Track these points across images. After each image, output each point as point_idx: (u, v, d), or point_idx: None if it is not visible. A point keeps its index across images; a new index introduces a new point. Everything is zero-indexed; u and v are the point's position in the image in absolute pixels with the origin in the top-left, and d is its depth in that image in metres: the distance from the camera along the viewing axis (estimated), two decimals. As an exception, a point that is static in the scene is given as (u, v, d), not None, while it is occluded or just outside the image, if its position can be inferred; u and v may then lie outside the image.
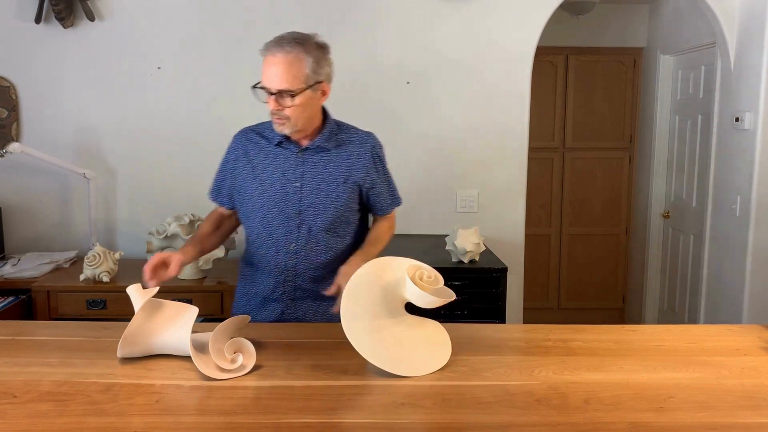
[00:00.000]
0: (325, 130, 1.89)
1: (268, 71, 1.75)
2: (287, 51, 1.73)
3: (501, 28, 3.38)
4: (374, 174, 1.94)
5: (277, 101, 1.75)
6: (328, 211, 1.88)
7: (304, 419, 1.28)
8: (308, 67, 1.75)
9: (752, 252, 3.28)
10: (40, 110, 3.36)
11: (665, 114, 4.39)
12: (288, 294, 1.93)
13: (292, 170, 1.88)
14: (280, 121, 1.79)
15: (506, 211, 3.50)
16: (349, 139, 1.93)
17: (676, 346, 1.70)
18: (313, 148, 1.88)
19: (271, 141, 1.91)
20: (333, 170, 1.89)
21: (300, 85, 1.74)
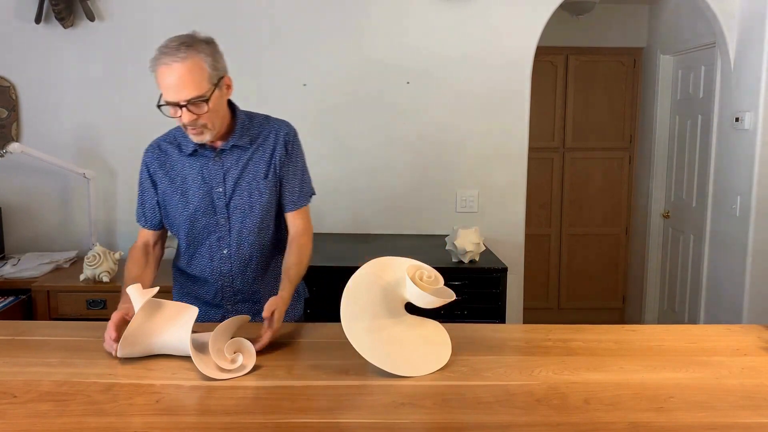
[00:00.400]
0: (237, 126, 1.83)
1: (169, 84, 1.64)
2: (182, 57, 1.62)
3: (501, 28, 3.38)
4: (288, 164, 1.87)
5: (190, 112, 1.67)
6: (255, 209, 1.84)
7: (304, 419, 1.28)
8: (208, 66, 1.67)
9: (752, 252, 3.28)
10: (40, 110, 3.37)
11: (665, 114, 4.39)
12: (228, 299, 1.91)
13: (213, 176, 1.82)
14: (197, 131, 1.72)
15: (506, 211, 3.50)
16: (263, 132, 1.86)
17: (676, 346, 1.70)
18: (229, 149, 1.82)
19: (185, 150, 1.83)
20: (253, 167, 1.83)
21: (209, 87, 1.67)
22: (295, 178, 1.89)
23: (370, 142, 3.43)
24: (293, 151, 1.88)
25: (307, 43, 3.37)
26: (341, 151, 3.44)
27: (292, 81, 3.39)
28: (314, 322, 1.95)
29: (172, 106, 1.67)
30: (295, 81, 3.39)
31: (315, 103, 3.39)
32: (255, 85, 3.37)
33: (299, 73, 3.38)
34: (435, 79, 3.40)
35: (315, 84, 3.39)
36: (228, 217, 1.84)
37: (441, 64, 3.39)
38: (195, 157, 1.84)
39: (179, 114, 1.68)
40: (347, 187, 3.46)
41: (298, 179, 1.90)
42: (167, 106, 1.68)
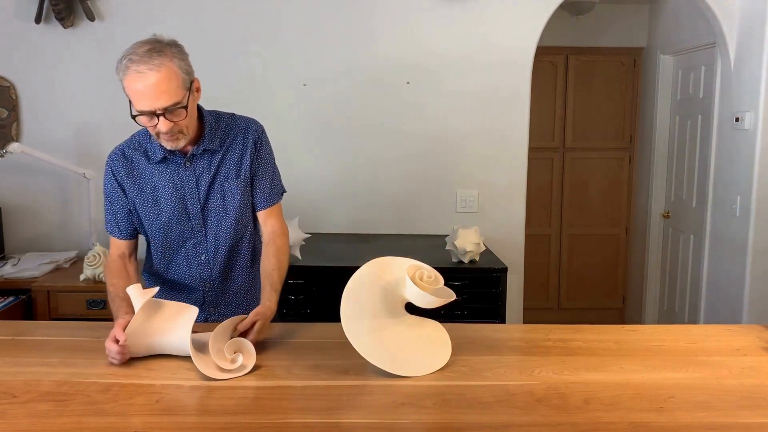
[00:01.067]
0: (207, 129, 1.77)
1: (144, 93, 1.56)
2: (157, 65, 1.55)
3: (501, 28, 3.38)
4: (258, 162, 1.83)
5: (167, 120, 1.61)
6: (229, 212, 1.81)
7: (304, 419, 1.28)
8: (182, 71, 1.61)
9: (752, 252, 3.28)
10: (40, 110, 3.37)
11: (665, 114, 4.39)
12: (210, 303, 1.89)
13: (185, 182, 1.77)
14: (173, 137, 1.66)
15: (506, 211, 3.50)
16: (232, 132, 1.81)
17: (676, 346, 1.70)
18: (199, 153, 1.77)
19: (154, 158, 1.77)
20: (224, 169, 1.79)
21: (184, 93, 1.62)
22: (266, 176, 1.85)
23: (370, 142, 3.43)
24: (262, 148, 1.84)
25: (307, 43, 3.37)
26: (341, 151, 3.44)
27: (292, 81, 3.39)
28: (314, 322, 1.95)
29: (147, 116, 1.61)
30: (295, 81, 3.39)
31: (315, 103, 3.39)
32: (255, 85, 3.37)
33: (299, 74, 3.38)
34: (435, 79, 3.40)
35: (315, 84, 3.39)
36: (203, 222, 1.81)
37: (441, 64, 3.39)
38: (165, 164, 1.77)
39: (155, 122, 1.61)
40: (347, 188, 3.46)
41: (269, 177, 1.86)
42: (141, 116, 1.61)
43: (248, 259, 1.90)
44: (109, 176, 1.81)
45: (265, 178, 1.86)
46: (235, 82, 3.37)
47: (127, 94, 1.60)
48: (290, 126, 3.39)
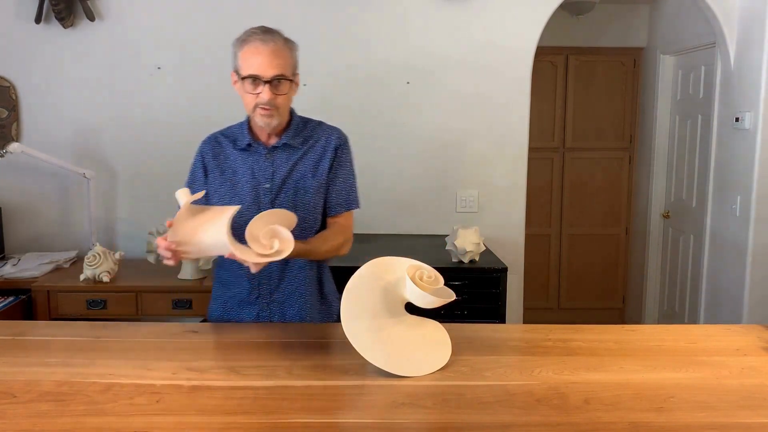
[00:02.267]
0: (292, 126, 1.88)
1: (258, 59, 1.72)
2: (275, 40, 1.74)
3: (501, 28, 3.38)
4: (337, 168, 1.89)
5: (271, 90, 1.74)
6: (298, 209, 1.84)
7: (304, 419, 1.28)
8: (292, 57, 1.78)
9: (752, 252, 3.28)
10: (40, 110, 3.37)
11: (665, 114, 4.39)
12: (264, 297, 1.91)
13: (262, 172, 1.85)
14: (268, 111, 1.76)
15: (506, 211, 3.50)
16: (315, 135, 1.90)
17: (676, 346, 1.70)
18: (281, 146, 1.86)
19: (239, 144, 1.88)
20: (301, 167, 1.86)
21: (290, 73, 1.77)
22: (344, 183, 1.91)
23: (371, 143, 3.42)
24: (343, 155, 1.91)
25: (307, 43, 3.35)
26: (341, 151, 3.44)
27: (292, 81, 3.39)
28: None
29: (255, 82, 1.73)
30: (295, 81, 3.38)
31: (315, 104, 3.38)
32: (255, 85, 3.37)
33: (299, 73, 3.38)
34: (435, 79, 3.40)
35: (315, 84, 3.38)
36: None
37: (441, 64, 3.39)
38: (248, 152, 1.87)
39: (258, 90, 1.73)
40: (347, 187, 3.46)
41: (347, 185, 1.91)
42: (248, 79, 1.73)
43: (306, 261, 1.90)
44: (198, 157, 1.93)
45: (343, 185, 1.90)
46: (235, 82, 3.37)
47: (239, 63, 1.76)
48: (290, 126, 3.39)
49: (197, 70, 3.36)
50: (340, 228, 1.90)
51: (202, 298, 2.89)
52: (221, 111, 3.37)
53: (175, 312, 2.90)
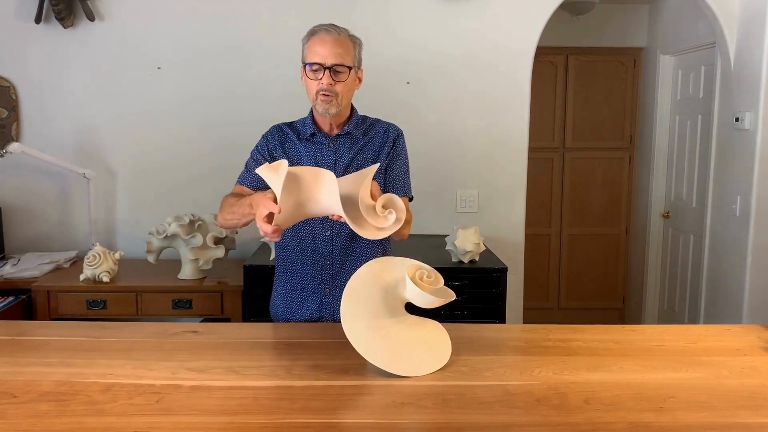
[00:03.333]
0: (353, 118, 1.98)
1: (321, 48, 1.83)
2: (339, 32, 1.87)
3: (501, 28, 3.38)
4: (395, 157, 1.99)
5: (331, 77, 1.83)
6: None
7: (304, 419, 1.28)
8: (355, 49, 1.90)
9: (752, 252, 3.28)
10: (40, 110, 3.37)
11: (665, 114, 4.40)
12: (326, 283, 1.95)
13: (325, 159, 1.93)
14: (328, 97, 1.84)
15: (506, 211, 3.50)
16: (376, 127, 2.01)
17: (676, 346, 1.70)
18: (343, 135, 1.95)
19: (303, 135, 1.97)
20: (362, 156, 1.95)
21: (350, 63, 1.86)
22: (400, 171, 1.99)
23: (370, 142, 3.42)
24: (400, 146, 2.01)
25: (307, 43, 3.37)
26: (341, 151, 3.44)
27: (291, 81, 3.38)
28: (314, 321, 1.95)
29: (317, 68, 1.83)
30: (295, 81, 3.37)
31: (315, 103, 3.39)
32: (254, 84, 3.37)
33: (299, 73, 3.37)
34: (435, 79, 3.40)
35: (315, 84, 3.39)
36: None
37: (441, 64, 3.39)
38: (311, 142, 1.96)
39: (320, 77, 1.83)
40: (347, 187, 3.46)
41: (402, 172, 2.00)
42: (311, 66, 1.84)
43: (371, 247, 1.95)
44: (262, 142, 2.02)
45: (399, 172, 1.99)
46: (235, 82, 3.37)
47: (305, 54, 1.88)
48: (290, 126, 3.39)
49: (197, 70, 3.36)
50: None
51: (202, 298, 2.89)
52: (221, 111, 3.40)
53: (175, 312, 2.90)
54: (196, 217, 2.91)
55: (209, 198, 3.40)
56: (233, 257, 3.20)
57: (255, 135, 3.37)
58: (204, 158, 3.41)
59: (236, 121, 3.39)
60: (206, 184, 3.40)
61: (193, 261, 2.91)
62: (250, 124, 3.40)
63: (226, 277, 2.98)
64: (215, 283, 2.92)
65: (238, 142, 3.40)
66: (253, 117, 3.39)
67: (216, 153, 3.40)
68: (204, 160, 3.41)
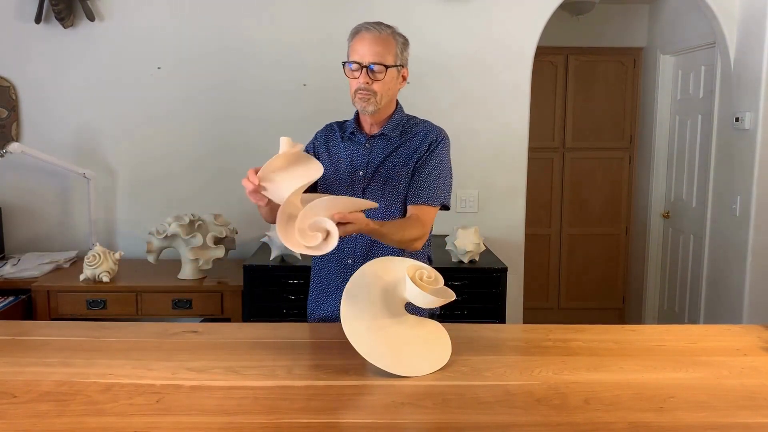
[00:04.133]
0: (394, 119, 1.94)
1: (361, 46, 1.83)
2: (381, 30, 1.86)
3: (501, 28, 3.38)
4: (426, 161, 1.91)
5: (367, 74, 1.82)
6: (385, 195, 1.89)
7: (304, 419, 1.28)
8: (397, 47, 1.87)
9: (752, 252, 3.28)
10: (40, 110, 3.37)
11: (665, 114, 4.39)
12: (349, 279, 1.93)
13: (360, 160, 1.92)
14: (366, 95, 1.84)
15: (506, 211, 3.50)
16: (415, 130, 1.95)
17: (676, 346, 1.70)
18: (378, 136, 1.93)
19: (345, 133, 1.97)
20: (394, 158, 1.91)
21: (390, 62, 1.84)
22: (428, 176, 1.89)
23: (370, 142, 3.42)
24: (435, 151, 1.92)
25: (307, 42, 3.37)
26: (341, 151, 3.44)
27: (292, 81, 3.39)
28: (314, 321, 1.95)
29: (355, 67, 1.84)
30: (295, 81, 3.39)
31: (315, 103, 3.39)
32: (255, 84, 3.37)
33: (299, 73, 3.38)
34: (435, 79, 3.40)
35: (315, 84, 3.39)
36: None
37: (441, 64, 3.39)
38: (350, 141, 1.96)
39: (357, 75, 1.84)
40: (347, 187, 3.46)
41: (430, 178, 1.90)
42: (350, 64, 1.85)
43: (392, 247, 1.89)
44: (311, 141, 2.05)
45: (426, 177, 1.90)
46: (235, 82, 3.37)
47: (348, 52, 1.89)
48: (290, 126, 3.39)
49: (197, 70, 3.36)
50: (416, 221, 1.86)
51: (202, 298, 2.89)
52: (221, 110, 3.39)
53: (175, 312, 2.90)
54: (196, 217, 2.91)
55: (209, 198, 3.40)
56: (233, 257, 3.19)
57: (255, 135, 3.40)
58: (204, 158, 3.41)
59: (236, 121, 3.39)
60: (206, 184, 3.40)
61: (193, 261, 2.91)
62: (251, 124, 3.41)
63: (226, 277, 2.98)
64: (215, 283, 2.92)
65: (238, 141, 3.41)
66: (253, 117, 3.39)
67: (216, 153, 3.41)
68: (204, 160, 3.41)
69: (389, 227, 1.77)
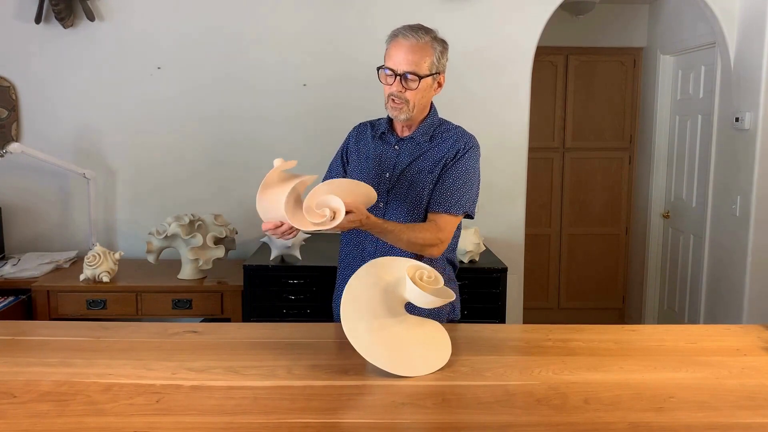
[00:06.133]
0: (425, 123, 1.91)
1: (396, 54, 1.80)
2: (419, 37, 1.80)
3: (501, 28, 3.38)
4: (450, 168, 1.87)
5: (400, 83, 1.79)
6: (408, 200, 1.88)
7: (304, 419, 1.28)
8: (435, 55, 1.82)
9: (752, 252, 3.28)
10: (40, 110, 3.36)
11: (665, 114, 4.39)
12: None
13: (387, 161, 1.91)
14: (398, 104, 1.82)
15: (506, 211, 3.50)
16: (446, 135, 1.91)
17: (676, 346, 1.70)
18: (408, 139, 1.91)
19: (377, 132, 1.96)
20: (421, 162, 1.88)
21: (425, 71, 1.80)
22: (451, 185, 1.86)
23: (370, 142, 3.42)
24: (462, 158, 1.88)
25: (307, 42, 3.37)
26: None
27: (292, 81, 3.39)
28: (314, 322, 1.94)
29: (389, 73, 1.81)
30: (295, 81, 3.39)
31: (315, 103, 3.39)
32: (255, 85, 3.37)
33: (299, 73, 3.38)
34: (435, 79, 3.40)
35: (315, 84, 3.39)
36: (387, 202, 1.89)
37: (441, 64, 3.39)
38: (380, 141, 1.95)
39: (391, 82, 1.81)
40: (347, 187, 3.46)
41: (455, 186, 1.86)
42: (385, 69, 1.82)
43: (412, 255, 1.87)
44: (344, 141, 2.06)
45: (450, 185, 1.86)
46: (235, 82, 3.37)
47: (385, 56, 1.85)
48: (290, 126, 3.39)
49: (197, 70, 3.36)
50: (434, 226, 1.83)
51: (202, 298, 2.89)
52: (221, 110, 3.39)
53: (175, 312, 2.90)
54: (196, 217, 2.91)
55: (209, 198, 3.40)
56: (233, 257, 3.20)
57: (255, 136, 3.40)
58: (204, 158, 3.41)
59: (236, 121, 3.39)
60: (206, 184, 3.40)
61: (193, 261, 2.91)
62: (251, 123, 3.41)
63: (226, 277, 2.98)
64: (215, 283, 2.92)
65: (238, 142, 3.41)
66: (253, 117, 3.39)
67: (216, 153, 3.40)
68: (204, 160, 3.41)
69: (395, 225, 1.77)
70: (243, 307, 2.87)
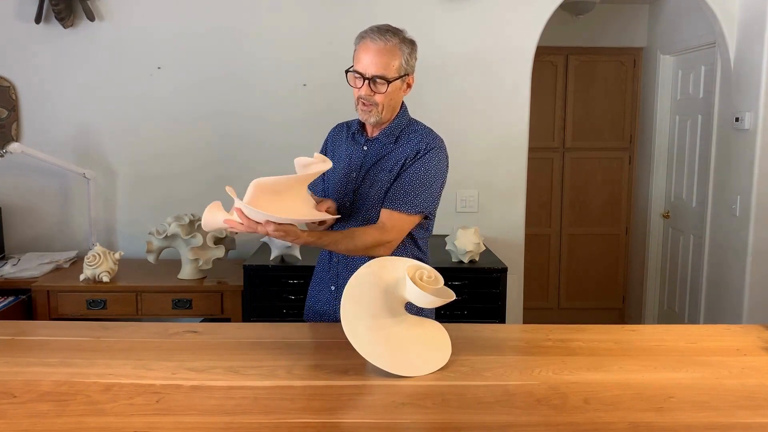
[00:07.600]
0: (392, 124, 1.90)
1: (364, 57, 1.80)
2: (387, 39, 1.79)
3: (501, 28, 3.38)
4: (409, 167, 1.85)
5: (369, 86, 1.80)
6: (370, 199, 1.88)
7: (304, 419, 1.28)
8: (403, 57, 1.82)
9: (752, 252, 3.28)
10: (40, 110, 3.36)
11: (665, 114, 4.39)
12: (332, 279, 1.96)
13: (356, 162, 1.92)
14: (367, 108, 1.83)
15: (506, 211, 3.50)
16: (410, 137, 1.90)
17: (676, 346, 1.70)
18: (374, 140, 1.91)
19: (348, 133, 1.98)
20: (384, 163, 1.88)
21: (393, 74, 1.80)
22: (408, 183, 1.84)
23: (370, 142, 3.42)
24: (421, 160, 1.85)
25: (307, 43, 3.37)
26: (341, 151, 3.44)
27: (292, 81, 3.39)
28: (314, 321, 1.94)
29: (357, 77, 1.81)
30: (295, 81, 3.39)
31: (315, 103, 3.39)
32: (255, 85, 3.37)
33: (299, 73, 3.38)
34: (435, 79, 3.40)
35: (315, 84, 3.39)
36: (353, 202, 1.90)
37: (441, 64, 3.39)
38: (352, 141, 1.96)
39: (360, 85, 1.81)
40: (347, 187, 3.46)
41: (411, 185, 1.84)
42: (353, 73, 1.82)
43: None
44: (325, 140, 2.08)
45: (405, 184, 1.84)
46: (235, 82, 3.37)
47: (353, 58, 1.86)
48: (290, 126, 3.39)
49: (197, 69, 3.36)
50: (379, 226, 1.83)
51: (202, 298, 2.89)
52: (221, 110, 3.39)
53: (175, 312, 2.90)
54: (196, 217, 2.91)
55: (209, 198, 3.38)
56: (233, 257, 3.20)
57: (255, 135, 3.40)
58: (204, 158, 3.41)
59: (236, 121, 3.39)
60: (206, 184, 3.40)
61: (193, 261, 2.91)
62: (250, 123, 3.41)
63: (226, 277, 2.98)
64: (215, 283, 2.92)
65: (239, 141, 3.41)
66: (253, 117, 3.39)
67: (216, 153, 3.40)
68: (204, 160, 3.41)
69: (333, 237, 1.78)
70: (243, 307, 2.87)
